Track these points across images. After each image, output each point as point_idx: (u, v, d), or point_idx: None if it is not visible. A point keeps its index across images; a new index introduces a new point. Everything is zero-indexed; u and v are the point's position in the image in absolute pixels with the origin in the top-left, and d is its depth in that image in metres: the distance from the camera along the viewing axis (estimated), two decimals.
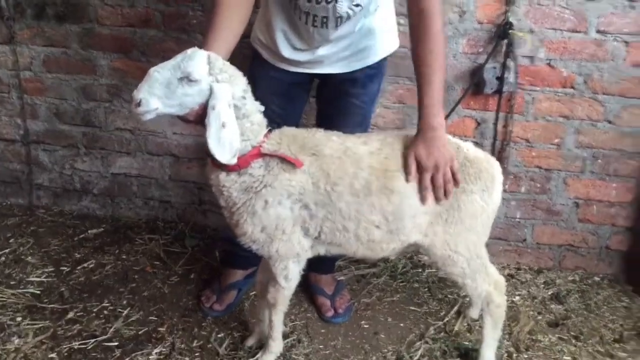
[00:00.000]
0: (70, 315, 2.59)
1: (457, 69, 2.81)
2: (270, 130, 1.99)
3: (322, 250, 2.12)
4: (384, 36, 2.31)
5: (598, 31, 2.65)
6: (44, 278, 2.86)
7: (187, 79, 1.72)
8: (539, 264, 3.09)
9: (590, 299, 2.85)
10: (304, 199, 1.96)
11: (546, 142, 2.87)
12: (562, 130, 2.83)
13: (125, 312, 2.62)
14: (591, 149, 2.85)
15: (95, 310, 2.63)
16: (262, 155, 1.93)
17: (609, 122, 2.79)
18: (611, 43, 2.66)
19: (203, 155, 3.24)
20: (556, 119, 2.82)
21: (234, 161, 1.83)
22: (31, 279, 2.85)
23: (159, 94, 1.71)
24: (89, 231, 3.33)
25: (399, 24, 2.72)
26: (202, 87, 1.76)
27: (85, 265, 2.99)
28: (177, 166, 3.31)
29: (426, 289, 2.89)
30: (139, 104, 1.70)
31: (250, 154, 1.90)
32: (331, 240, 2.06)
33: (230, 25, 1.94)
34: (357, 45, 2.23)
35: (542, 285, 2.95)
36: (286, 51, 2.26)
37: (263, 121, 1.94)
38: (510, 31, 2.63)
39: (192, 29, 2.99)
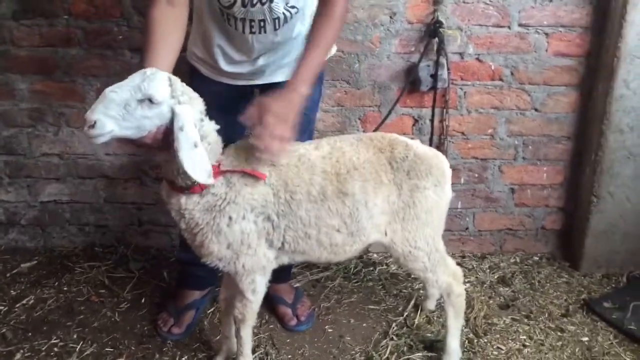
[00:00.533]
0: (18, 357, 2.43)
1: (392, 69, 2.88)
2: (224, 147, 1.96)
3: (286, 260, 2.12)
4: None
5: (520, 25, 2.80)
6: None
7: (148, 101, 1.66)
8: (481, 250, 3.22)
9: (533, 278, 3.01)
10: (266, 211, 1.96)
11: (480, 134, 2.99)
12: (494, 121, 2.97)
13: (78, 347, 2.49)
14: (522, 137, 3.00)
15: (44, 348, 2.48)
16: (222, 172, 1.90)
17: (536, 110, 2.95)
18: (533, 35, 2.81)
19: (139, 175, 3.13)
20: (488, 110, 2.95)
21: (210, 180, 1.79)
22: None
23: (115, 115, 1.62)
24: (22, 265, 3.13)
25: None
26: (163, 109, 1.70)
27: (24, 302, 2.81)
28: (112, 188, 3.18)
29: (381, 287, 2.94)
30: (93, 126, 1.60)
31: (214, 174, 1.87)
32: (295, 249, 2.06)
33: (168, 43, 1.89)
34: (296, 52, 2.24)
35: (488, 270, 3.08)
36: (225, 65, 2.23)
37: (219, 139, 1.91)
38: (440, 30, 2.72)
39: (119, 45, 2.88)
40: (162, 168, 1.89)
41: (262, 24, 2.08)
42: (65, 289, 2.92)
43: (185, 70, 2.32)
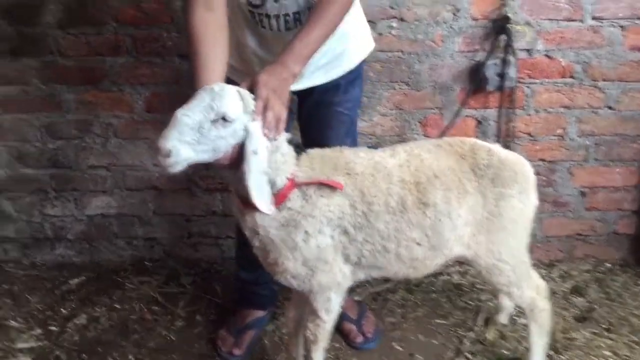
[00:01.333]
0: None
1: (455, 68, 2.72)
2: (298, 158, 1.83)
3: (362, 275, 1.98)
4: (358, 38, 2.20)
5: (594, 18, 2.63)
6: (34, 343, 2.56)
7: (222, 120, 1.53)
8: (549, 257, 3.04)
9: (608, 287, 2.83)
10: (342, 223, 1.82)
11: (549, 134, 2.82)
12: (563, 120, 2.79)
13: None
14: (593, 137, 2.83)
15: None
16: (298, 185, 1.77)
17: (610, 108, 2.77)
18: (607, 29, 2.64)
19: (188, 186, 3.02)
20: (557, 109, 2.78)
21: (272, 210, 1.69)
22: (19, 345, 2.54)
23: (190, 140, 1.49)
24: (70, 281, 3.03)
25: (390, 27, 2.62)
26: (237, 127, 1.58)
27: (75, 321, 2.70)
28: (160, 200, 3.07)
29: (446, 299, 2.79)
30: (169, 155, 1.47)
31: (287, 187, 1.74)
32: (372, 264, 1.92)
33: (216, 52, 1.77)
34: (333, 50, 2.11)
35: (559, 279, 2.91)
36: None
37: (291, 149, 1.78)
38: (508, 25, 2.56)
39: (168, 52, 2.77)
40: (231, 183, 1.77)
41: (297, 16, 1.96)
42: (117, 306, 2.82)
43: None
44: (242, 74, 2.14)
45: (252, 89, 1.63)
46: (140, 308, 2.79)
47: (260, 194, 1.63)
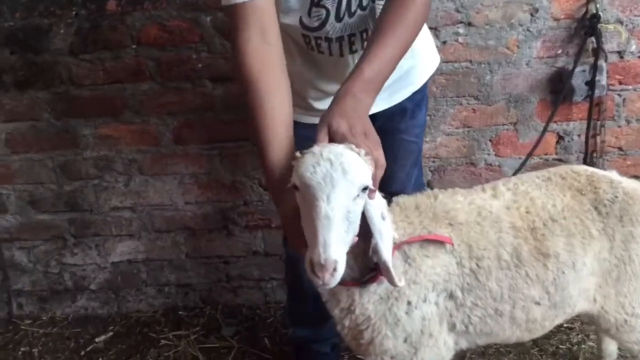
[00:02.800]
0: None
1: (532, 77, 2.36)
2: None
3: (464, 344, 1.67)
4: (425, 52, 1.86)
5: None
6: None
7: (362, 191, 1.22)
8: None
9: None
10: (449, 286, 1.52)
11: None
12: None
13: None
14: None
15: None
16: (399, 246, 1.45)
17: None
18: None
19: (225, 224, 2.67)
20: None
21: (403, 282, 1.40)
22: None
23: (345, 236, 1.20)
24: (96, 339, 2.68)
25: (457, 34, 2.26)
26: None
27: None
28: (194, 241, 2.71)
29: (531, 342, 2.41)
30: (335, 269, 1.15)
31: None
32: (481, 330, 1.61)
33: (283, 102, 1.45)
34: (400, 69, 1.74)
35: None
36: (319, 103, 1.79)
37: (385, 204, 1.44)
38: (598, 25, 2.18)
39: (198, 76, 2.41)
40: None
41: (364, 35, 1.63)
42: None
43: None
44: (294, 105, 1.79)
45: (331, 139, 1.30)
46: None
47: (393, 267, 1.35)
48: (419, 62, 1.81)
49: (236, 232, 2.68)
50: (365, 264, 1.40)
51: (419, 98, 1.87)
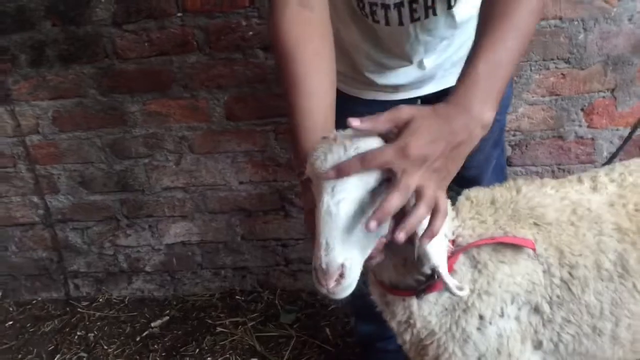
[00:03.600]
0: None
1: (636, 35, 2.00)
2: (453, 206, 1.25)
3: None
4: None
5: None
6: None
7: (385, 182, 0.94)
8: None
9: None
10: (533, 298, 1.24)
11: None
12: None
13: None
14: None
15: None
16: (464, 249, 1.20)
17: None
18: None
19: (283, 205, 2.48)
20: None
21: (465, 291, 1.12)
22: None
23: (360, 238, 0.93)
24: (152, 324, 2.58)
25: None
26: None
27: None
28: (249, 223, 2.54)
29: None
30: (342, 275, 0.91)
31: (448, 256, 1.17)
32: (574, 350, 1.32)
33: (322, 80, 1.19)
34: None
35: None
36: (376, 75, 1.53)
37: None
38: None
39: (249, 45, 2.19)
40: (374, 269, 1.19)
41: (429, 2, 1.34)
42: (209, 359, 2.32)
43: None
44: (346, 78, 1.54)
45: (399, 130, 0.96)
46: None
47: (447, 271, 1.10)
48: None
49: (294, 214, 2.48)
50: (420, 269, 1.16)
51: None
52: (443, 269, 1.08)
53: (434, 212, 0.96)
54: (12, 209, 2.64)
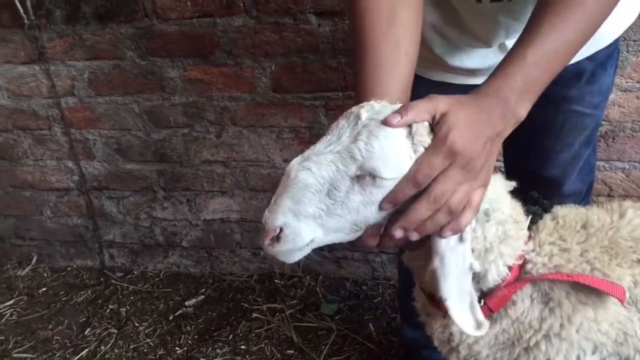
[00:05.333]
0: None
1: None
2: (533, 224, 1.04)
3: None
4: None
5: None
6: None
7: (370, 177, 0.85)
8: None
9: None
10: (624, 351, 1.01)
11: None
12: None
13: None
14: None
15: None
16: (529, 279, 1.00)
17: None
18: None
19: None
20: None
21: (482, 331, 0.93)
22: None
23: (315, 211, 0.87)
24: (186, 303, 2.44)
25: None
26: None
27: None
28: None
29: None
30: (278, 237, 0.88)
31: (508, 282, 0.99)
32: None
33: (396, 40, 1.01)
34: None
35: None
36: (449, 55, 1.31)
37: (521, 216, 1.00)
38: None
39: (300, 9, 1.94)
40: (414, 270, 1.05)
41: None
42: (242, 347, 2.17)
43: None
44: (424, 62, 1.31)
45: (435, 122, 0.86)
46: (271, 353, 2.13)
47: (462, 308, 0.93)
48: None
49: None
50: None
51: (604, 56, 1.30)
52: (453, 303, 0.91)
53: (466, 205, 0.86)
54: (47, 172, 2.52)
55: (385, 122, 0.85)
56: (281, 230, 0.87)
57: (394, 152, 0.85)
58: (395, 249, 1.21)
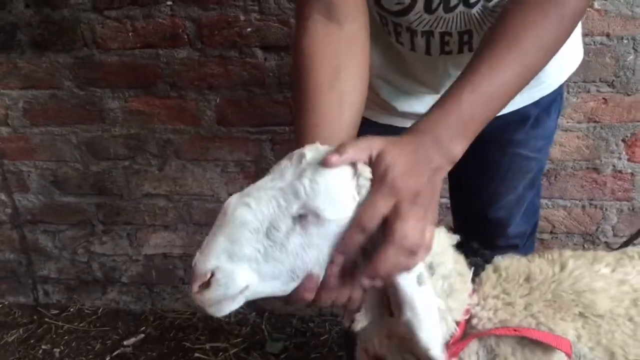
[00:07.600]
0: None
1: None
2: (475, 276, 1.01)
3: None
4: (571, 39, 1.24)
5: None
6: None
7: (313, 216, 0.81)
8: None
9: None
10: None
11: None
12: None
13: None
14: None
15: None
16: (475, 335, 0.96)
17: None
18: None
19: None
20: None
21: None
22: None
23: (251, 254, 0.81)
24: (125, 342, 2.33)
25: None
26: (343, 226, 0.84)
27: None
28: None
29: None
30: (208, 283, 0.81)
31: (455, 338, 0.94)
32: None
33: (339, 90, 1.00)
34: None
35: None
36: (396, 100, 1.30)
37: (465, 268, 0.97)
38: None
39: (246, 42, 1.92)
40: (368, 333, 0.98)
41: (465, 38, 1.14)
42: None
43: None
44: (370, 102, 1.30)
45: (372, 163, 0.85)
46: None
47: (436, 341, 0.89)
48: (560, 54, 1.22)
49: None
50: (412, 347, 0.92)
51: (548, 101, 1.31)
52: (437, 351, 0.87)
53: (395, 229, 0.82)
54: None
55: (324, 162, 0.82)
56: (212, 274, 0.81)
57: (339, 191, 0.82)
58: (332, 308, 1.17)
